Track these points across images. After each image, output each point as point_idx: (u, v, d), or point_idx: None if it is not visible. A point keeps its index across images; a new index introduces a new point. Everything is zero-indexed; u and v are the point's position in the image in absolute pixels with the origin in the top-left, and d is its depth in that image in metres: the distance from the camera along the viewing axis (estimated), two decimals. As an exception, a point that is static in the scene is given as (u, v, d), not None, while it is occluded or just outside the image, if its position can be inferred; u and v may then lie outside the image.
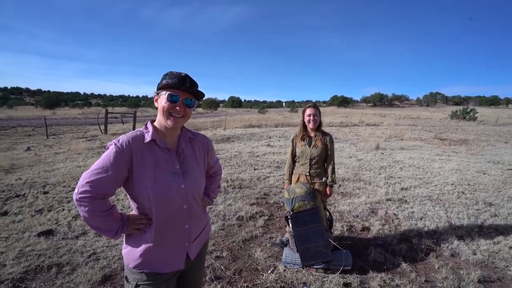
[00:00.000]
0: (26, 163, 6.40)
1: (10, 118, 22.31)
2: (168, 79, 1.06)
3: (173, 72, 1.08)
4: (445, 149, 9.08)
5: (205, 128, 15.96)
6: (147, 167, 1.04)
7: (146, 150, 1.06)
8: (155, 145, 1.08)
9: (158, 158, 1.08)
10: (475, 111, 24.20)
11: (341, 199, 4.23)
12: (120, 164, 1.01)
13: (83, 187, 0.97)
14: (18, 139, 11.26)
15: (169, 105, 1.05)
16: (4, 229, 3.05)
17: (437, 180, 5.23)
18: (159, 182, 1.05)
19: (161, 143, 1.09)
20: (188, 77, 1.08)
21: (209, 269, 2.40)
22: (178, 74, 1.06)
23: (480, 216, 3.55)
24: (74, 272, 2.33)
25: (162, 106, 1.06)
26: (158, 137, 1.09)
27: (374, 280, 2.27)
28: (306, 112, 2.64)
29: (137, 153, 1.04)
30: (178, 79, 1.05)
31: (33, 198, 4.04)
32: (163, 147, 1.09)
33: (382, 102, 72.41)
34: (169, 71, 1.09)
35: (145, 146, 1.06)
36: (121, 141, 1.03)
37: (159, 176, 1.06)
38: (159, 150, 1.09)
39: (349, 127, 17.66)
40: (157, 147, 1.09)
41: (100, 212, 1.00)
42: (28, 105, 62.44)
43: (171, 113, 1.07)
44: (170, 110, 1.06)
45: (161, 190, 1.04)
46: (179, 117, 1.08)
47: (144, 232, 1.09)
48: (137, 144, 1.05)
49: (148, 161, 1.05)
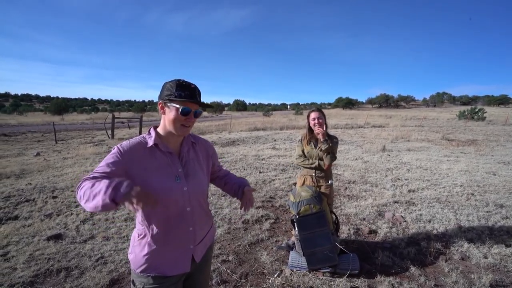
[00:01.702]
0: (36, 168, 6.53)
1: (21, 124, 22.81)
2: (180, 91, 1.06)
3: (183, 83, 1.08)
4: (453, 150, 8.93)
5: (210, 132, 16.04)
6: (149, 171, 1.07)
7: (148, 155, 1.09)
8: (157, 149, 1.11)
9: (161, 162, 1.10)
10: (483, 111, 23.77)
11: (347, 202, 4.19)
12: (117, 166, 1.02)
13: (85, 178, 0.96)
14: (28, 144, 11.50)
15: (182, 118, 1.08)
16: (15, 233, 3.11)
17: (445, 182, 5.14)
18: (162, 185, 1.07)
19: (163, 147, 1.12)
20: (197, 88, 1.11)
21: (215, 273, 2.40)
22: (189, 86, 1.07)
23: (490, 218, 3.48)
24: (82, 276, 2.36)
25: (173, 118, 1.07)
26: (160, 142, 1.12)
27: (382, 284, 2.24)
28: (311, 116, 2.67)
29: (138, 159, 1.07)
30: (190, 92, 1.07)
31: (42, 202, 4.12)
32: (165, 151, 1.12)
33: (387, 103, 71.75)
34: (177, 81, 1.08)
35: (147, 151, 1.09)
36: (123, 145, 1.07)
37: (161, 179, 1.08)
38: (161, 154, 1.11)
39: (355, 129, 17.53)
40: (159, 152, 1.11)
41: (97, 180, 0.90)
42: (37, 111, 63.77)
43: (183, 124, 1.10)
44: (182, 122, 1.09)
45: (163, 192, 1.06)
46: (188, 127, 1.11)
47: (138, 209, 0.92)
48: (139, 150, 1.08)
49: (150, 165, 1.08)
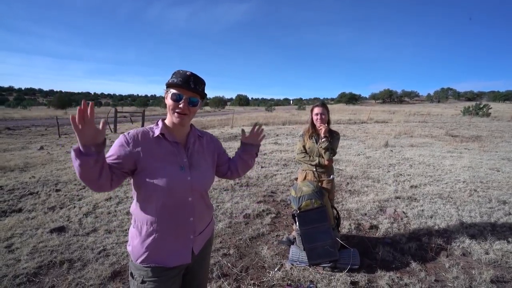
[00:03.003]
0: (39, 161, 6.59)
1: (25, 118, 22.97)
2: (174, 78, 1.10)
3: (180, 71, 1.11)
4: (456, 146, 8.86)
5: (212, 127, 16.05)
6: (154, 159, 1.09)
7: (155, 144, 1.11)
8: (163, 139, 1.13)
9: (166, 151, 1.12)
10: (488, 107, 23.47)
11: (349, 197, 4.18)
12: (124, 152, 1.05)
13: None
14: (32, 138, 11.60)
15: (173, 103, 1.10)
16: (19, 226, 3.15)
17: (448, 178, 5.11)
18: (166, 172, 1.08)
19: (170, 137, 1.14)
20: (193, 76, 1.10)
21: (216, 266, 2.42)
22: (183, 73, 1.10)
23: (493, 215, 3.46)
24: (85, 268, 2.39)
25: (168, 104, 1.12)
26: (167, 131, 1.14)
27: (382, 279, 2.24)
28: (314, 111, 2.66)
29: (145, 146, 1.09)
30: (182, 79, 1.08)
31: (46, 195, 4.16)
32: (171, 141, 1.14)
33: (391, 98, 71.14)
34: (177, 70, 1.12)
35: (153, 140, 1.12)
36: (130, 133, 1.10)
37: (166, 167, 1.10)
38: (168, 144, 1.14)
39: (358, 124, 17.44)
40: (165, 141, 1.14)
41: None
42: (41, 105, 64.12)
43: (176, 111, 1.11)
44: (174, 108, 1.11)
45: (167, 180, 1.07)
46: (183, 114, 1.11)
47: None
48: (146, 137, 1.11)
49: (156, 153, 1.10)
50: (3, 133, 13.19)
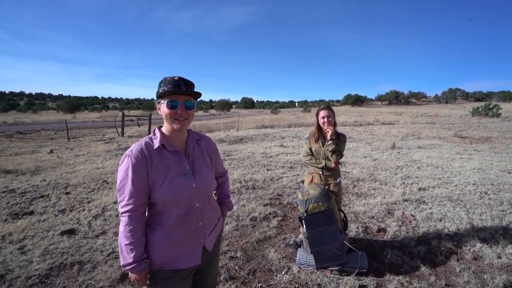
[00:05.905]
0: (50, 165, 6.72)
1: (35, 123, 23.48)
2: (164, 86, 1.08)
3: (167, 78, 1.09)
4: (466, 148, 8.70)
5: (218, 129, 16.12)
6: (159, 171, 1.10)
7: (157, 155, 1.11)
8: (164, 149, 1.13)
9: (169, 161, 1.13)
10: (498, 107, 22.99)
11: (356, 200, 4.15)
12: (140, 172, 1.07)
13: (124, 202, 1.08)
14: (42, 142, 11.85)
15: (170, 111, 1.09)
16: (30, 228, 3.22)
17: (457, 180, 5.02)
18: (172, 183, 1.09)
19: (170, 146, 1.14)
20: (182, 79, 1.09)
21: (224, 269, 2.43)
22: (172, 79, 1.08)
23: (505, 218, 3.38)
24: (94, 270, 2.43)
25: (165, 113, 1.10)
26: (166, 141, 1.14)
27: (391, 283, 2.22)
28: (320, 114, 2.65)
29: (150, 158, 1.10)
30: (173, 85, 1.07)
31: (56, 198, 4.24)
32: (172, 150, 1.14)
33: (398, 100, 70.34)
34: (163, 78, 1.11)
35: (155, 152, 1.11)
36: (134, 151, 1.09)
37: (171, 178, 1.10)
38: (169, 154, 1.14)
39: (364, 126, 17.29)
40: (166, 151, 1.13)
41: (137, 232, 1.08)
42: (50, 109, 65.44)
43: (174, 117, 1.10)
44: (173, 116, 1.10)
45: (174, 191, 1.09)
46: (183, 120, 1.12)
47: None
48: (147, 152, 1.11)
49: (159, 165, 1.10)
50: (14, 137, 13.50)
